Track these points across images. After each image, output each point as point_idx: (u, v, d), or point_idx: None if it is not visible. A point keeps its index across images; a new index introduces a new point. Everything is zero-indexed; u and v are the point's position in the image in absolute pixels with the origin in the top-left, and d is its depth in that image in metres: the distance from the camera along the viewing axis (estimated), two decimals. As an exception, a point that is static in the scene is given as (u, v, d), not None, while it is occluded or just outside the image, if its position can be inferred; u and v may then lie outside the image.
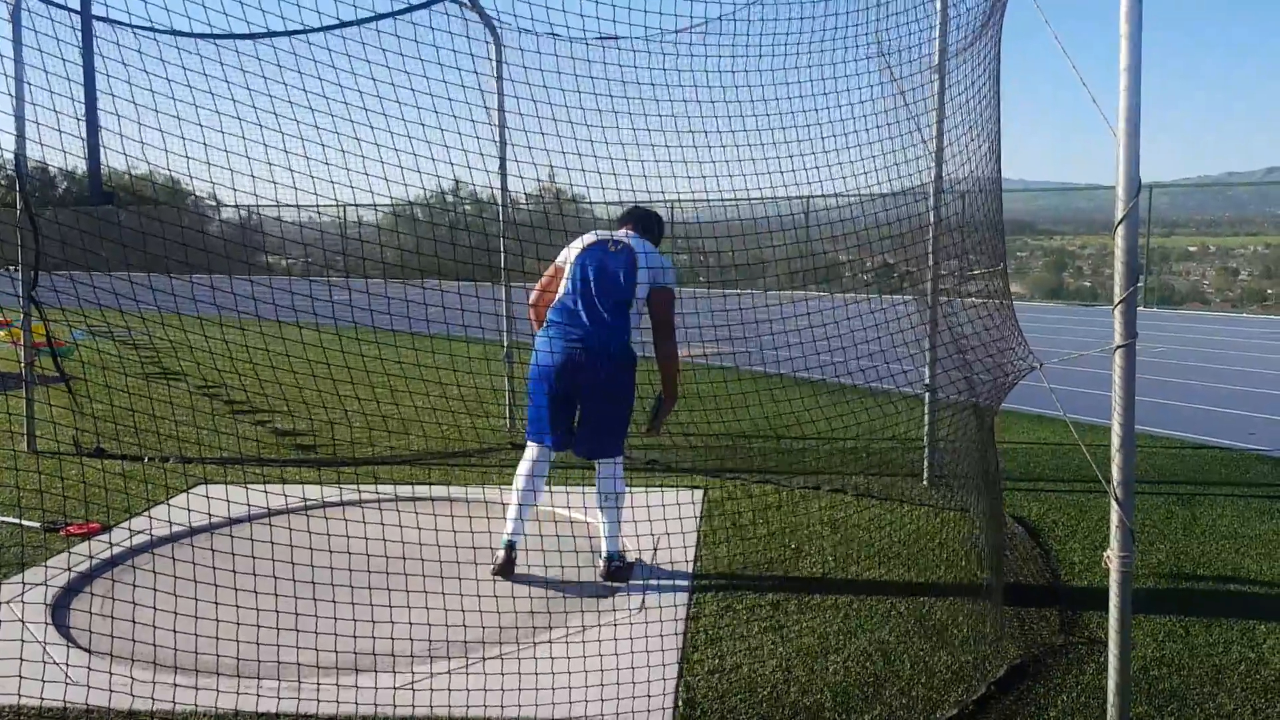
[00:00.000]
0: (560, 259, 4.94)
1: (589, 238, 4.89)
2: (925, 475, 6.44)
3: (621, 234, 4.93)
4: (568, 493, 5.77)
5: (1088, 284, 24.53)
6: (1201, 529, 5.59)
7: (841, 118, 5.34)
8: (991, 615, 4.32)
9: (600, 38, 5.07)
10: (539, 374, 4.77)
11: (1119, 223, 2.87)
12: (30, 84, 6.45)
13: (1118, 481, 2.95)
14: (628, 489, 4.95)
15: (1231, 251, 27.34)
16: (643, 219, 5.05)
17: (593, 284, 4.73)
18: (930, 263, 5.91)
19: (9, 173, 6.90)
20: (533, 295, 4.99)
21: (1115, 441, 2.94)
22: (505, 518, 4.90)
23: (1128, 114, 2.82)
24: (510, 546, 4.85)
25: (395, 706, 3.60)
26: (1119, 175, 2.86)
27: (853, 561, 5.09)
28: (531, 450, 4.87)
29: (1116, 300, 2.89)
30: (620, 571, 4.86)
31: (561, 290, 4.83)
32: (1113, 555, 2.97)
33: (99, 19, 5.43)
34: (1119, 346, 2.91)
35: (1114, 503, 2.95)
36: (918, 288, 6.07)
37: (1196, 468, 7.00)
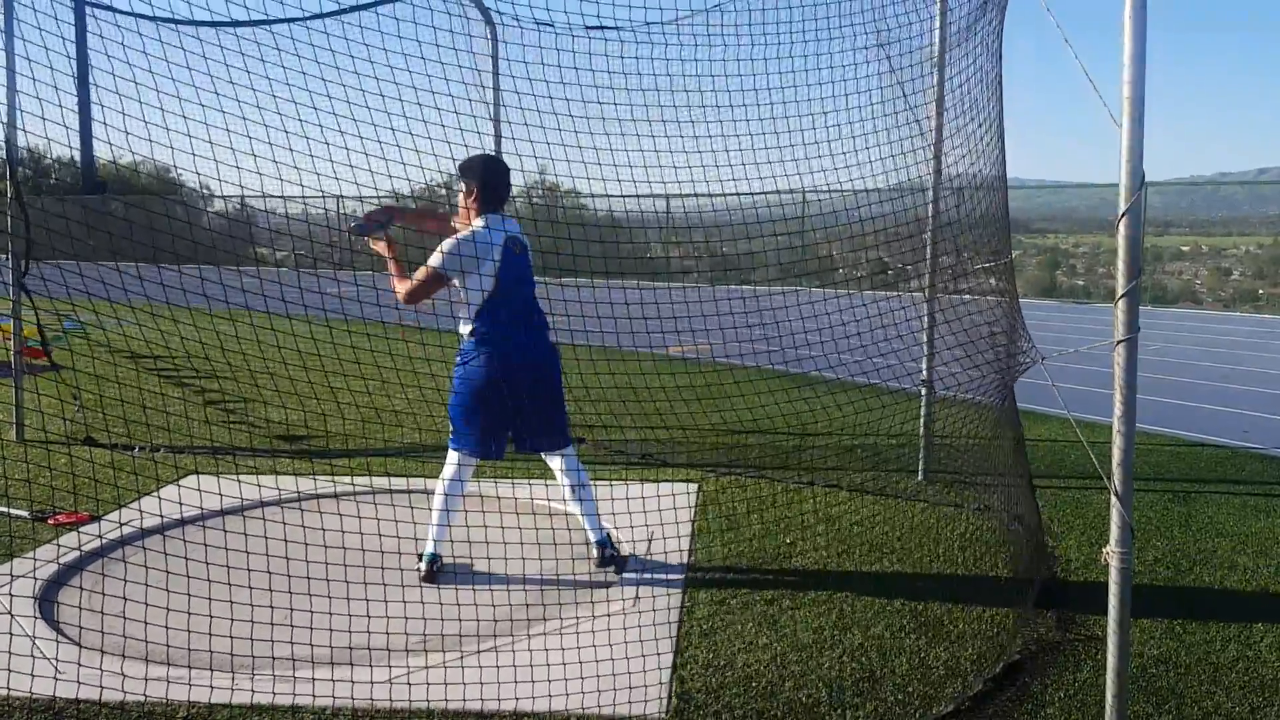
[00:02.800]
0: (465, 253, 4.51)
1: (498, 238, 4.57)
2: (920, 471, 6.42)
3: (509, 226, 4.68)
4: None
5: (1081, 282, 24.54)
6: (1198, 526, 5.58)
7: (837, 108, 5.30)
8: (1002, 611, 4.31)
9: (591, 27, 5.02)
10: (486, 387, 4.57)
11: (1122, 215, 2.83)
12: (23, 55, 6.35)
13: (1118, 477, 2.92)
14: (624, 482, 4.93)
15: (1224, 251, 27.34)
16: (500, 193, 4.68)
17: (520, 289, 4.66)
18: (928, 256, 5.88)
19: (0, 160, 6.84)
20: (417, 288, 4.56)
21: (1116, 436, 2.91)
22: (431, 524, 4.80)
23: (1131, 105, 2.79)
24: (436, 559, 4.78)
25: (390, 699, 3.57)
26: (1122, 168, 2.82)
27: (848, 557, 5.06)
28: (464, 460, 4.75)
29: (1119, 294, 2.86)
30: (615, 558, 4.85)
31: (490, 297, 4.56)
32: (1112, 551, 2.95)
33: (91, 4, 5.38)
34: (1121, 341, 2.88)
35: (1114, 498, 2.92)
36: (912, 284, 6.05)
37: (1192, 465, 6.99)
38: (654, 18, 5.08)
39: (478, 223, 4.63)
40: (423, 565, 4.76)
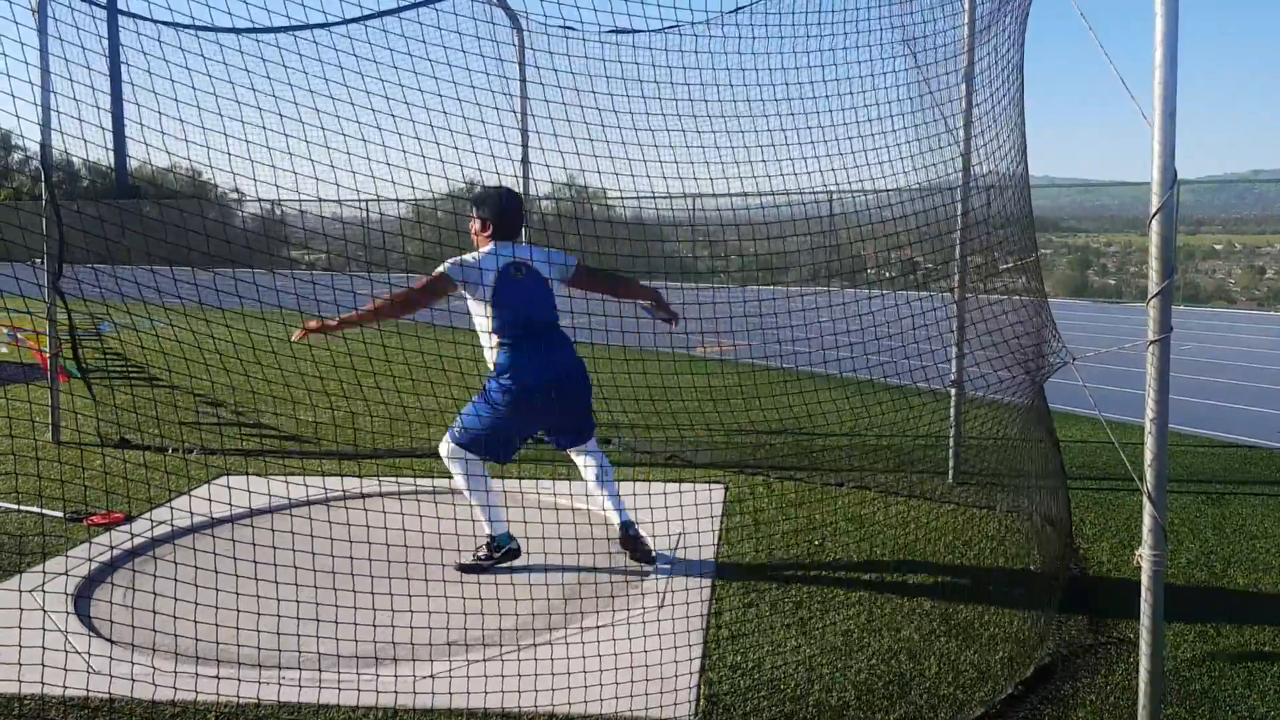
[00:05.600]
0: (459, 276, 4.67)
1: (491, 265, 4.69)
2: (950, 472, 6.38)
3: (518, 251, 4.81)
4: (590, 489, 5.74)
5: (1112, 281, 24.31)
6: (1232, 528, 5.51)
7: (865, 104, 5.27)
8: (1033, 613, 4.27)
9: (618, 31, 5.03)
10: (523, 393, 4.69)
11: (1154, 214, 2.81)
12: (59, 62, 6.43)
13: (1150, 479, 2.90)
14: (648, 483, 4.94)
15: (1258, 250, 26.96)
16: (511, 227, 4.83)
17: (528, 310, 4.71)
18: (958, 256, 5.84)
19: (35, 165, 6.94)
20: (398, 293, 4.64)
21: (1149, 438, 2.89)
22: (488, 519, 4.91)
23: (1163, 104, 2.77)
24: (508, 540, 4.92)
25: (416, 698, 3.59)
26: (1154, 166, 2.80)
27: (877, 559, 5.04)
28: (476, 463, 4.86)
29: (1151, 293, 2.84)
30: (640, 541, 4.87)
31: (506, 317, 4.68)
32: (1145, 553, 2.92)
33: (124, 13, 5.44)
34: (1154, 341, 2.85)
35: (1146, 500, 2.90)
36: (941, 283, 6.01)
37: (1225, 466, 6.91)
38: (683, 19, 5.10)
39: (483, 250, 4.78)
40: (495, 554, 4.89)
